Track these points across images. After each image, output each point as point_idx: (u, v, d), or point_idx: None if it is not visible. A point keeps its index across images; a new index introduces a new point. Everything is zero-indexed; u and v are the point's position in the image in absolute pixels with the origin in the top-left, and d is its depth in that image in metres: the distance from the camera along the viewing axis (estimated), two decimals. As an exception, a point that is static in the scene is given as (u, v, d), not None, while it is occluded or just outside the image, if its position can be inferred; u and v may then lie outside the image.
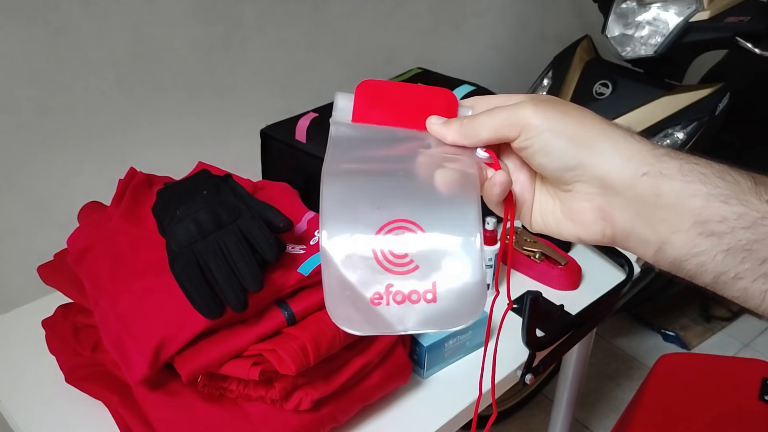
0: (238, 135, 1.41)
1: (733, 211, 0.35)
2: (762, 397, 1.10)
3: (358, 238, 0.37)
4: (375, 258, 0.37)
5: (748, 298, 0.36)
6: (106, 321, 0.72)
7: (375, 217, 0.37)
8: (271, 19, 1.38)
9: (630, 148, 0.37)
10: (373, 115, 0.42)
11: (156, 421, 0.70)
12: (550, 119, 0.38)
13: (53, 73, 1.13)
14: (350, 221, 0.37)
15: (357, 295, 0.36)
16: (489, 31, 1.87)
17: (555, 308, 0.97)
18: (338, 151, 0.40)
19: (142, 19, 1.19)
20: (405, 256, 0.37)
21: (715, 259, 0.35)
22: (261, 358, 0.69)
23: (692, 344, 1.97)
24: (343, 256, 0.37)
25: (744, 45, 1.41)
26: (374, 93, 0.42)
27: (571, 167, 0.38)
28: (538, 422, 1.69)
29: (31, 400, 0.81)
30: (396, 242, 0.37)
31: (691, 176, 0.36)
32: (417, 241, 0.37)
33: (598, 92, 1.52)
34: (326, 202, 0.38)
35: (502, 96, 0.43)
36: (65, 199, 1.21)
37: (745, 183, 0.35)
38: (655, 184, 0.36)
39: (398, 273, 0.37)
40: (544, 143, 0.38)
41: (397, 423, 0.80)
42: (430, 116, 0.42)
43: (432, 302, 0.37)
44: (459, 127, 0.41)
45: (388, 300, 0.36)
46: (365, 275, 0.37)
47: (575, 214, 0.40)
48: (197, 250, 0.68)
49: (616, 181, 0.37)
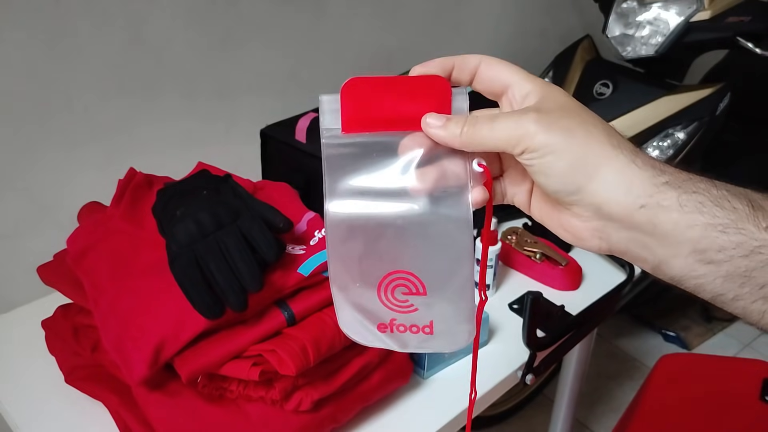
0: (238, 135, 1.41)
1: (731, 241, 0.35)
2: (762, 397, 1.10)
3: (364, 285, 0.41)
4: (380, 300, 0.42)
5: (747, 315, 0.36)
6: (106, 321, 0.72)
7: (378, 267, 0.41)
8: (271, 19, 1.37)
9: (631, 176, 0.36)
10: (364, 120, 0.40)
11: (156, 421, 0.70)
12: (553, 139, 0.37)
13: (54, 74, 1.13)
14: (356, 273, 0.41)
15: (367, 326, 0.43)
16: (489, 31, 1.87)
17: (556, 309, 0.97)
18: (334, 176, 0.40)
19: (142, 20, 1.19)
20: (406, 301, 0.42)
21: (714, 282, 0.36)
22: (261, 358, 0.69)
23: (693, 345, 1.97)
24: (353, 299, 0.42)
25: (745, 45, 1.40)
26: (361, 93, 0.40)
27: (570, 192, 0.38)
28: (538, 422, 1.69)
29: (31, 400, 0.81)
30: (398, 291, 0.41)
31: (689, 206, 0.35)
32: (416, 292, 0.41)
33: (598, 92, 1.52)
34: (332, 248, 0.41)
35: (509, 69, 0.41)
36: (65, 200, 1.21)
37: (743, 210, 0.35)
38: (653, 216, 0.36)
39: (400, 312, 0.42)
40: (545, 166, 0.37)
41: (397, 423, 0.80)
42: (426, 116, 0.40)
43: (429, 334, 0.42)
44: (459, 134, 0.39)
45: (392, 329, 0.42)
46: (373, 311, 0.42)
47: (571, 227, 0.40)
48: (197, 251, 0.68)
49: (613, 211, 0.37)
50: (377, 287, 0.41)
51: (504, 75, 0.41)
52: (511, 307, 0.99)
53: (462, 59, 0.42)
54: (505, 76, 0.41)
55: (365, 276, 0.41)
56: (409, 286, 0.41)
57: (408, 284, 0.41)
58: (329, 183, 0.40)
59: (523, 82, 0.40)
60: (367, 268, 0.41)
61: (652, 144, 1.47)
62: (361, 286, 0.41)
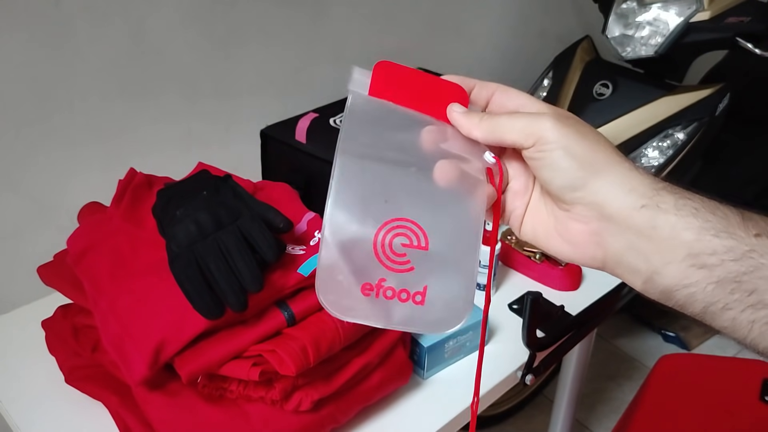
0: (238, 135, 1.41)
1: (723, 245, 0.36)
2: (762, 397, 1.10)
3: (361, 226, 0.37)
4: (374, 249, 0.37)
5: (736, 328, 0.37)
6: (106, 321, 0.72)
7: (382, 210, 0.37)
8: (271, 19, 1.38)
9: (633, 180, 0.39)
10: (389, 94, 0.42)
11: (156, 421, 0.70)
12: (566, 137, 0.39)
13: (54, 74, 1.13)
14: (358, 208, 0.38)
15: (348, 282, 0.37)
16: (489, 31, 1.87)
17: (555, 309, 0.97)
18: (354, 126, 0.40)
19: (142, 20, 1.19)
20: (404, 255, 0.38)
21: (705, 290, 0.37)
22: (261, 358, 0.69)
23: (693, 345, 1.97)
24: (343, 239, 0.37)
25: (744, 45, 1.40)
26: (391, 73, 0.43)
27: (575, 188, 0.39)
28: (538, 423, 1.69)
29: (31, 400, 0.81)
30: (397, 240, 0.38)
31: (685, 210, 0.37)
32: (418, 245, 0.38)
33: (598, 92, 1.52)
34: (337, 182, 0.37)
35: (524, 96, 0.43)
36: (65, 200, 1.21)
37: (733, 217, 0.37)
38: (652, 217, 0.38)
39: (393, 270, 0.37)
40: (556, 159, 0.39)
41: (397, 424, 0.80)
42: (452, 103, 0.42)
43: (419, 305, 0.38)
44: (479, 121, 0.41)
45: (378, 293, 0.37)
46: (361, 264, 0.37)
47: (569, 233, 0.41)
48: (197, 251, 0.68)
49: (615, 210, 0.39)
50: (376, 231, 0.37)
51: (518, 99, 0.44)
52: (510, 307, 0.99)
53: (482, 83, 0.45)
54: (519, 100, 0.43)
55: (366, 215, 0.38)
56: (410, 236, 0.38)
57: (410, 233, 0.38)
58: (348, 129, 0.40)
59: (535, 103, 0.43)
60: (370, 207, 0.38)
61: (651, 144, 1.47)
62: (358, 224, 0.37)
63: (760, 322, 0.36)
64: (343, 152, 0.39)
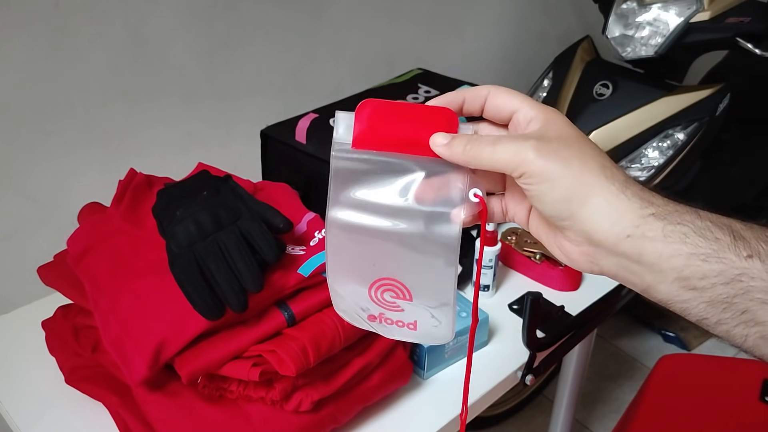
0: (238, 136, 1.41)
1: (712, 269, 0.37)
2: (762, 398, 1.10)
3: (357, 285, 0.46)
4: (370, 297, 0.46)
5: (730, 338, 0.38)
6: (106, 322, 0.72)
7: (371, 272, 0.45)
8: (271, 20, 1.38)
9: (621, 206, 0.38)
10: (375, 139, 0.42)
11: (156, 422, 0.70)
12: (550, 168, 0.39)
13: (54, 75, 1.13)
14: (351, 274, 0.46)
15: (358, 314, 0.48)
16: (489, 31, 1.87)
17: (555, 309, 0.97)
18: (339, 188, 0.43)
19: (143, 22, 1.19)
20: (394, 303, 0.46)
21: (698, 307, 0.38)
22: (261, 359, 0.69)
23: (693, 345, 1.97)
24: (346, 295, 0.47)
25: (744, 46, 1.41)
26: (374, 112, 0.43)
27: (562, 218, 0.40)
28: (538, 423, 1.69)
29: (31, 400, 0.81)
30: (387, 294, 0.46)
31: (673, 237, 0.37)
32: (403, 297, 0.46)
33: (598, 93, 1.52)
34: (332, 255, 0.45)
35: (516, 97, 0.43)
36: (65, 200, 1.21)
37: (724, 240, 0.37)
38: (638, 245, 0.38)
39: (388, 309, 0.47)
40: (541, 192, 0.40)
41: (397, 424, 0.80)
42: (434, 134, 0.42)
43: (413, 330, 0.47)
44: (462, 151, 0.41)
45: (380, 320, 0.47)
46: (364, 305, 0.47)
47: (564, 249, 0.42)
48: (197, 251, 0.68)
49: (601, 239, 0.39)
50: (369, 288, 0.45)
51: (510, 102, 0.43)
52: (510, 307, 0.99)
53: (472, 91, 0.44)
54: (512, 103, 0.43)
55: (359, 276, 0.45)
56: (396, 291, 0.45)
57: (396, 290, 0.45)
58: (334, 192, 0.43)
59: (528, 108, 0.42)
60: (361, 270, 0.45)
61: (651, 144, 1.47)
62: (355, 283, 0.46)
63: (753, 336, 0.37)
64: (332, 223, 0.43)
